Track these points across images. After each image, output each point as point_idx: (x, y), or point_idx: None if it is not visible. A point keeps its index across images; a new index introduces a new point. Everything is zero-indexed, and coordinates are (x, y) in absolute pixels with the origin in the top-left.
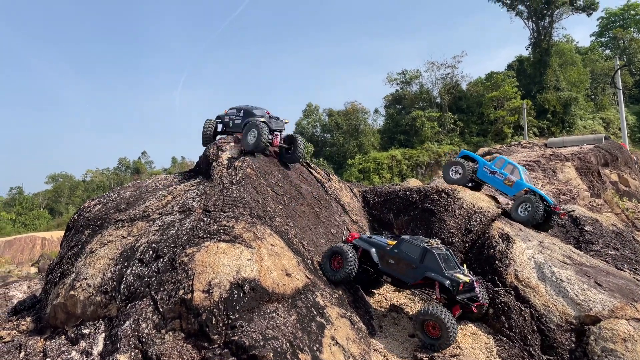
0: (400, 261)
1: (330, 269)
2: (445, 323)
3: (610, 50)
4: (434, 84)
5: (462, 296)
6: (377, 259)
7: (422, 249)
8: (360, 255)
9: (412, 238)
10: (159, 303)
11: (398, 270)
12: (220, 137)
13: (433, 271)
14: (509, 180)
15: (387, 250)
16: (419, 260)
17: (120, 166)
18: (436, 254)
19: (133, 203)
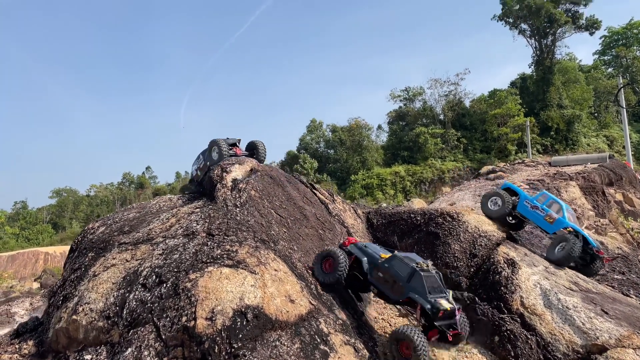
0: (388, 276)
1: (321, 271)
2: (417, 345)
3: (613, 69)
4: (437, 100)
5: (441, 322)
6: (368, 269)
7: (411, 269)
8: (352, 262)
9: (404, 256)
10: (162, 330)
11: (385, 285)
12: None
13: (417, 293)
14: (550, 217)
15: (378, 263)
16: (406, 279)
17: (125, 181)
18: (423, 276)
19: (137, 225)
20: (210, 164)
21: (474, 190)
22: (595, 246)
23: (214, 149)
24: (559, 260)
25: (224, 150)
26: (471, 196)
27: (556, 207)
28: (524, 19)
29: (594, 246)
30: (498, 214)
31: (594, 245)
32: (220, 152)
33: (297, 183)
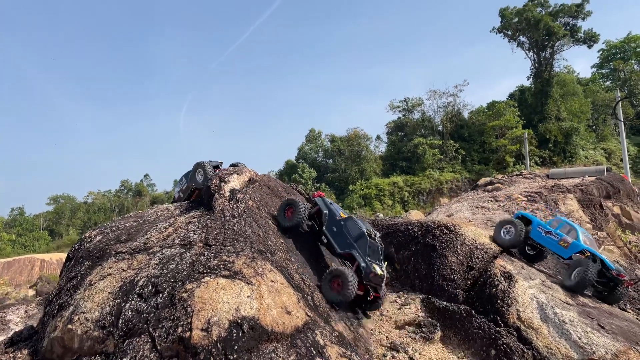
0: (341, 232)
1: (283, 217)
2: (348, 280)
3: (611, 82)
4: (436, 111)
5: (369, 282)
6: (326, 221)
7: (361, 232)
8: (315, 212)
9: (358, 219)
10: (157, 340)
11: (335, 238)
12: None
13: (359, 252)
14: (564, 242)
15: (336, 219)
16: (355, 239)
17: (122, 188)
18: (368, 241)
19: (134, 234)
20: (195, 187)
21: (472, 201)
22: (615, 269)
23: (199, 172)
24: (575, 286)
25: (209, 172)
26: (469, 208)
27: (570, 231)
28: (523, 31)
29: (613, 269)
30: (511, 242)
31: (613, 267)
32: (205, 174)
33: (295, 193)
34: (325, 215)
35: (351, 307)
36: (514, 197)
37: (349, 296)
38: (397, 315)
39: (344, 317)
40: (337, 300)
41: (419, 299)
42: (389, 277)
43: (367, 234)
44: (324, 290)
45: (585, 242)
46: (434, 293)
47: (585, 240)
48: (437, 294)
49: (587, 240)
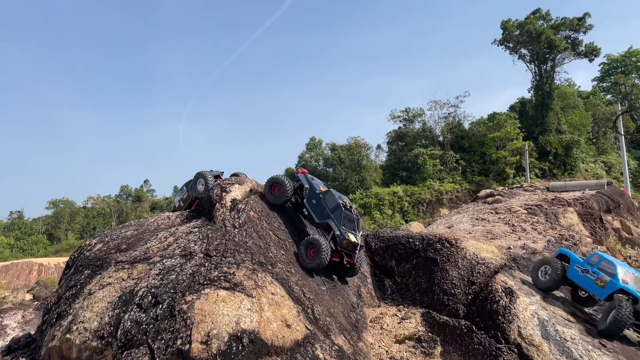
0: (319, 204)
1: (271, 194)
2: (322, 247)
3: (611, 96)
4: (437, 122)
5: (344, 249)
6: (307, 195)
7: (337, 203)
8: (297, 187)
9: (335, 192)
10: (156, 352)
11: (314, 209)
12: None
13: (334, 221)
14: (600, 280)
15: (316, 193)
16: (331, 210)
17: (122, 194)
18: (344, 212)
19: (134, 243)
20: (196, 196)
21: (472, 213)
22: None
23: (200, 181)
24: (606, 331)
25: (210, 182)
26: (469, 219)
27: (609, 267)
28: (524, 44)
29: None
30: (546, 285)
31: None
32: (206, 184)
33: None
34: (306, 190)
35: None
36: (514, 210)
37: (322, 261)
38: (397, 330)
39: (344, 331)
40: (313, 266)
41: (419, 313)
42: (362, 246)
43: (343, 205)
44: (300, 259)
45: (626, 280)
46: (434, 307)
47: (625, 279)
48: (437, 309)
49: (628, 277)
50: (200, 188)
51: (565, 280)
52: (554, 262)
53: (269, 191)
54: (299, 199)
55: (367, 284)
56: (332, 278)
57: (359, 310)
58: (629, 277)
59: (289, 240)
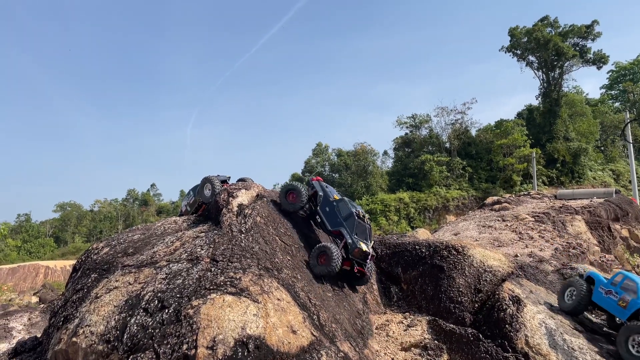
0: (333, 212)
1: (286, 201)
2: (333, 255)
3: (620, 103)
4: (444, 128)
5: (355, 258)
6: (320, 202)
7: (350, 212)
8: (312, 194)
9: (349, 201)
10: (162, 357)
11: (327, 217)
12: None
13: (347, 229)
14: (623, 301)
15: (329, 201)
16: (344, 218)
17: (129, 197)
18: (357, 221)
19: (141, 247)
20: (203, 201)
21: (479, 220)
22: None
23: (207, 186)
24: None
25: (217, 187)
26: (476, 226)
27: (632, 286)
28: (532, 51)
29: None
30: (570, 308)
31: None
32: (213, 189)
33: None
34: (320, 197)
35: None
36: (521, 217)
37: (333, 269)
38: (403, 337)
39: (349, 337)
40: (323, 273)
41: (425, 321)
42: (374, 255)
43: (356, 214)
44: (311, 264)
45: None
46: (440, 315)
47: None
48: (444, 316)
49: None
50: (207, 193)
51: (591, 303)
52: (579, 284)
53: (284, 198)
54: (313, 207)
55: (373, 290)
56: (338, 285)
57: (364, 317)
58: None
59: (295, 246)
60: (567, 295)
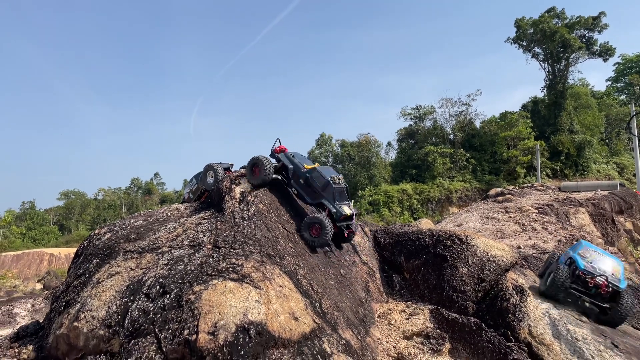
0: (307, 184)
1: (250, 174)
2: (325, 226)
3: (625, 96)
4: (448, 120)
5: (342, 223)
6: (291, 175)
7: (326, 181)
8: (280, 167)
9: (322, 169)
10: (163, 342)
11: (304, 190)
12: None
13: (328, 199)
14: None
15: (301, 172)
16: (321, 188)
17: (132, 186)
18: (335, 188)
19: (143, 233)
20: (205, 188)
21: (482, 212)
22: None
23: (209, 173)
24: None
25: (220, 175)
26: (479, 218)
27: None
28: (538, 42)
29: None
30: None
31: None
32: (216, 176)
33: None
34: (291, 170)
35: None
36: (524, 209)
37: (326, 240)
38: (405, 325)
39: (352, 325)
40: (317, 244)
41: (427, 310)
42: (358, 213)
43: (332, 181)
44: (303, 235)
45: (584, 255)
46: (443, 304)
47: (584, 254)
48: (446, 305)
49: (589, 254)
50: (210, 180)
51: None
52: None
53: (250, 173)
54: (285, 179)
55: (376, 279)
56: (341, 273)
57: (366, 305)
58: (589, 254)
59: (297, 234)
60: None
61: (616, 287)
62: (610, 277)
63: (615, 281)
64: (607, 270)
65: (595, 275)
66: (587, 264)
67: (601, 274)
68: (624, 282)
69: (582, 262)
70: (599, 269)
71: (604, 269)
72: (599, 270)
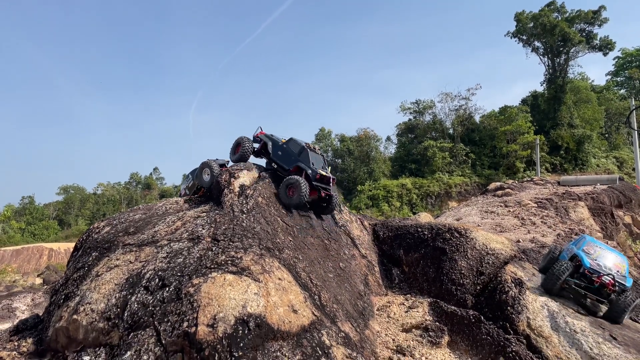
0: (286, 153)
1: (233, 154)
2: (301, 186)
3: (625, 90)
4: (447, 114)
5: (318, 183)
6: (271, 149)
7: (302, 147)
8: (261, 147)
9: (296, 139)
10: (162, 335)
11: (282, 159)
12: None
13: (303, 162)
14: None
15: (279, 145)
16: (298, 154)
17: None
18: (310, 153)
19: (142, 227)
20: (201, 185)
21: (481, 206)
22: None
23: (205, 171)
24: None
25: (216, 171)
26: (478, 212)
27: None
28: (538, 36)
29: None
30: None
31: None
32: (212, 173)
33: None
34: (270, 146)
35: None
36: (524, 203)
37: (302, 198)
38: (404, 318)
39: (351, 318)
40: (294, 203)
41: (426, 303)
42: (335, 179)
43: (307, 147)
44: (282, 198)
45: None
46: (442, 297)
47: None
48: (445, 298)
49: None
50: (206, 177)
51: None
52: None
53: (232, 153)
54: (266, 157)
55: (375, 272)
56: (340, 266)
57: (366, 298)
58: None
59: (296, 227)
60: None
61: (622, 286)
62: (616, 275)
63: (621, 279)
64: (612, 268)
65: (602, 274)
66: (593, 262)
67: (608, 273)
68: (630, 279)
69: (587, 259)
70: (605, 266)
71: (609, 267)
72: (605, 268)
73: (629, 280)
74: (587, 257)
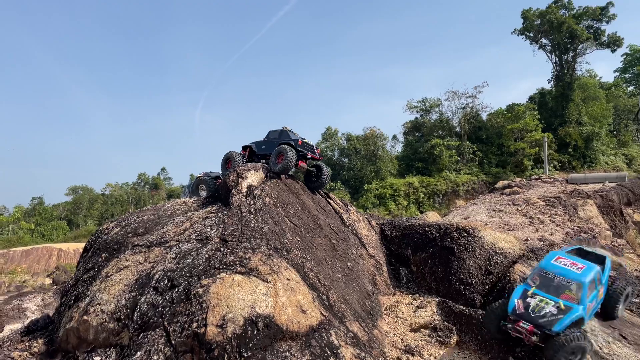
0: (269, 144)
1: (225, 169)
2: (287, 150)
3: (634, 87)
4: (454, 113)
5: (302, 149)
6: (256, 148)
7: (280, 130)
8: (248, 153)
9: (273, 129)
10: (172, 335)
11: (268, 149)
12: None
13: (285, 140)
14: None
15: (261, 141)
16: (277, 137)
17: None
18: (289, 131)
19: (151, 228)
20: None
21: (489, 204)
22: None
23: (201, 187)
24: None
25: (211, 186)
26: (486, 210)
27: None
28: (545, 33)
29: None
30: None
31: None
32: (208, 188)
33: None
34: (254, 146)
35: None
36: (532, 201)
37: (289, 164)
38: (413, 318)
39: (359, 318)
40: (282, 169)
41: (435, 302)
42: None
43: (285, 129)
44: (271, 166)
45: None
46: (450, 297)
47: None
48: (453, 298)
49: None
50: (202, 193)
51: None
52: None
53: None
54: (256, 157)
55: (383, 272)
56: (348, 266)
57: (374, 298)
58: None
59: (304, 227)
60: None
61: (549, 331)
62: (547, 314)
63: (547, 323)
64: (545, 307)
65: (520, 321)
66: (520, 303)
67: (529, 318)
68: (565, 319)
69: (514, 301)
70: (534, 308)
71: (541, 307)
72: (532, 310)
73: (560, 323)
74: (522, 294)
